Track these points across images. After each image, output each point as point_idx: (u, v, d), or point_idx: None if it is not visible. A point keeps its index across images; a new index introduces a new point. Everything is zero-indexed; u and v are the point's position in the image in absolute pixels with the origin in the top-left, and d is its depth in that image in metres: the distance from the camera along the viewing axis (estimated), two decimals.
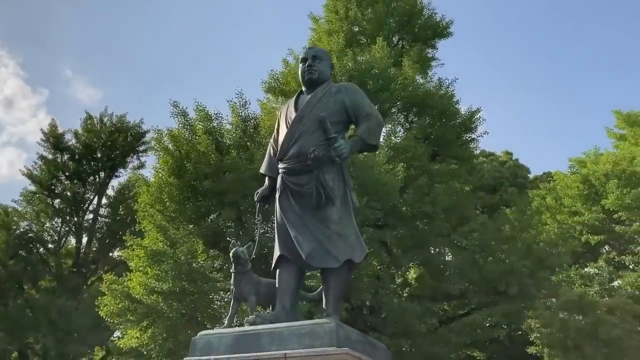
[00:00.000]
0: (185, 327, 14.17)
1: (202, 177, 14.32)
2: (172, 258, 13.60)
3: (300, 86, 18.91)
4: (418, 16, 21.27)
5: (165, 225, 14.03)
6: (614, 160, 21.63)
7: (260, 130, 15.90)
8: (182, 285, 13.58)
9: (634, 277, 19.69)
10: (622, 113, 25.26)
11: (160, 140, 15.62)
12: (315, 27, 22.65)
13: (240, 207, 14.12)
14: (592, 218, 21.92)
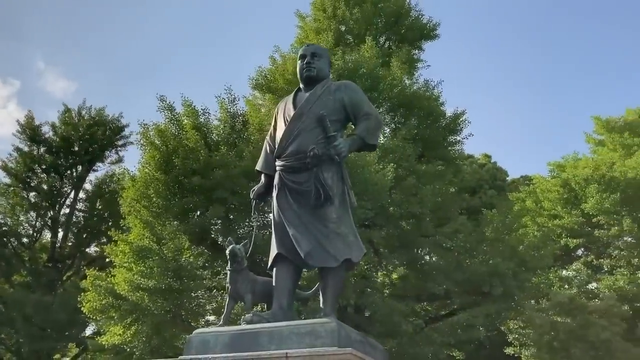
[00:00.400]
0: (169, 325, 14.01)
1: (190, 173, 14.14)
2: (158, 254, 13.40)
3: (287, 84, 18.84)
4: (405, 17, 21.33)
5: (151, 221, 13.81)
6: (594, 165, 22.01)
7: (249, 127, 15.79)
8: (168, 282, 13.40)
9: (611, 280, 20.06)
10: (602, 119, 25.72)
11: (147, 135, 15.39)
12: (302, 25, 22.56)
13: (228, 204, 13.99)
14: (572, 222, 22.29)
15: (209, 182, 13.82)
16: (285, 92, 18.34)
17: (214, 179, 13.80)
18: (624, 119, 25.19)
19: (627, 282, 19.45)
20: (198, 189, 14.10)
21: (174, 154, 14.23)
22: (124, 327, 13.91)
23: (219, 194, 13.81)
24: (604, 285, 19.98)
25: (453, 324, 15.89)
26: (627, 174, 21.48)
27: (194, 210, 14.35)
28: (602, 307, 14.35)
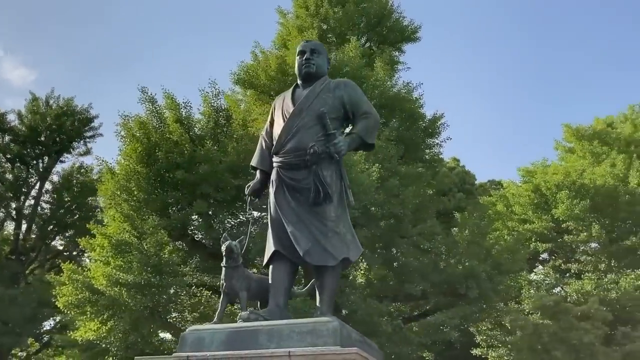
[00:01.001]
0: (147, 321, 13.76)
1: (174, 167, 13.92)
2: (138, 249, 13.14)
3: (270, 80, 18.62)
4: (387, 18, 21.44)
5: (132, 214, 13.53)
6: (565, 172, 22.54)
7: (232, 122, 15.64)
8: (147, 277, 13.15)
9: (579, 285, 20.58)
10: (572, 127, 26.36)
11: (127, 126, 15.08)
12: (284, 22, 22.45)
13: (212, 200, 13.83)
14: (542, 226, 22.78)
15: (193, 177, 13.63)
16: (268, 88, 18.24)
17: (198, 174, 13.61)
18: (593, 127, 25.91)
19: (593, 287, 19.97)
20: (181, 184, 13.89)
21: (157, 147, 13.96)
22: (101, 323, 13.59)
23: (203, 189, 13.63)
24: (571, 289, 20.47)
25: (430, 324, 16.06)
26: (597, 181, 22.07)
27: (175, 205, 14.11)
28: (586, 311, 14.69)
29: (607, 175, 22.14)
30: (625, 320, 17.05)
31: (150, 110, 15.57)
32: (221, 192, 13.89)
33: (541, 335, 14.41)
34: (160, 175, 14.14)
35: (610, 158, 23.14)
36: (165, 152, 13.92)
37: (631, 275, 19.56)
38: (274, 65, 18.12)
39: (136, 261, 12.80)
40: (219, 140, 14.92)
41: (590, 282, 20.26)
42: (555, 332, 13.95)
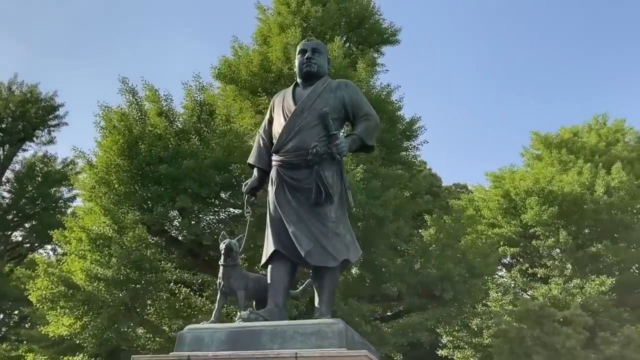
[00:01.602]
0: (125, 318, 13.44)
1: (157, 161, 13.62)
2: (118, 244, 12.81)
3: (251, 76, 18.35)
4: (368, 20, 21.50)
5: (113, 208, 13.18)
6: (534, 178, 23.08)
7: (216, 117, 15.42)
8: (127, 273, 12.85)
9: (545, 289, 21.13)
10: (540, 134, 27.01)
11: (108, 117, 14.69)
12: (263, 18, 22.26)
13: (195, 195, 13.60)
14: (510, 231, 23.28)
15: (177, 172, 13.37)
16: (249, 84, 18.06)
17: (181, 168, 13.36)
18: (560, 136, 26.61)
19: (560, 291, 20.53)
20: (163, 178, 13.61)
21: (139, 140, 13.64)
22: (76, 318, 13.20)
23: (186, 185, 13.39)
24: (538, 293, 21.00)
25: (408, 324, 16.21)
26: (564, 188, 22.66)
27: (158, 199, 13.81)
28: (568, 316, 15.07)
29: (574, 183, 22.76)
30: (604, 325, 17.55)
31: (130, 101, 15.23)
32: (205, 187, 13.66)
33: (523, 339, 14.71)
34: (141, 169, 13.81)
35: (577, 166, 23.79)
36: (149, 145, 13.60)
37: (596, 281, 20.16)
38: (256, 61, 17.97)
39: (117, 256, 12.47)
40: (200, 135, 14.68)
41: (557, 286, 20.82)
42: (539, 337, 14.27)
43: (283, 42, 18.19)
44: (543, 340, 14.15)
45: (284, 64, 17.50)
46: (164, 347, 14.17)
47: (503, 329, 15.20)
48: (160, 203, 13.64)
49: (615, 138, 26.51)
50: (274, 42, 18.47)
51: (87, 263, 13.06)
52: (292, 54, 17.77)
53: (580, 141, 26.39)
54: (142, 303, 14.00)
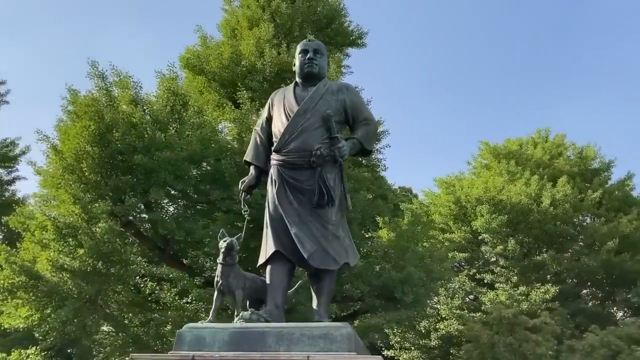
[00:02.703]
0: (89, 311, 12.87)
1: (131, 151, 13.12)
2: (87, 234, 12.25)
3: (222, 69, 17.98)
4: (336, 21, 21.51)
5: (83, 197, 12.57)
6: (486, 187, 23.85)
7: (189, 108, 15.01)
8: (94, 265, 12.31)
9: (493, 295, 21.88)
10: (489, 144, 27.92)
11: (77, 102, 14.01)
12: (228, 9, 21.86)
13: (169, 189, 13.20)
14: (460, 237, 23.95)
15: (151, 163, 12.91)
16: (218, 77, 17.70)
17: (157, 160, 12.92)
18: (508, 148, 27.60)
19: (507, 297, 21.31)
20: (136, 168, 13.12)
21: (113, 128, 13.09)
22: (36, 310, 12.52)
23: (161, 177, 12.97)
24: (487, 298, 21.71)
25: (371, 326, 16.36)
26: (513, 198, 23.54)
27: (128, 190, 13.29)
28: (538, 323, 15.62)
29: (522, 194, 23.67)
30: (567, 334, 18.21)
31: (99, 86, 14.60)
32: (179, 181, 13.28)
33: (494, 345, 15.15)
34: (113, 158, 13.27)
35: (523, 178, 24.75)
36: (122, 133, 13.07)
37: (541, 289, 21.05)
38: (227, 54, 17.65)
39: (87, 247, 11.92)
40: (175, 126, 14.27)
41: (504, 292, 21.60)
42: (511, 344, 14.74)
43: (256, 36, 17.97)
44: (514, 347, 14.64)
45: (257, 59, 17.28)
46: (126, 343, 13.70)
47: (474, 334, 15.62)
48: (132, 194, 13.14)
49: (557, 152, 27.75)
50: (246, 35, 18.22)
51: (52, 253, 12.41)
52: (265, 49, 17.59)
53: (526, 153, 27.45)
54: (107, 296, 13.46)
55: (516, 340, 14.56)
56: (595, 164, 27.63)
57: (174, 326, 13.29)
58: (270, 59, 17.07)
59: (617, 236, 22.19)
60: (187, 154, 13.18)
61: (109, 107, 13.87)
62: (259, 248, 6.08)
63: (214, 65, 17.56)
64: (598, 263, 21.74)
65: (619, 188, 26.23)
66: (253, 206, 6.36)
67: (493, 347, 14.89)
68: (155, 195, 12.80)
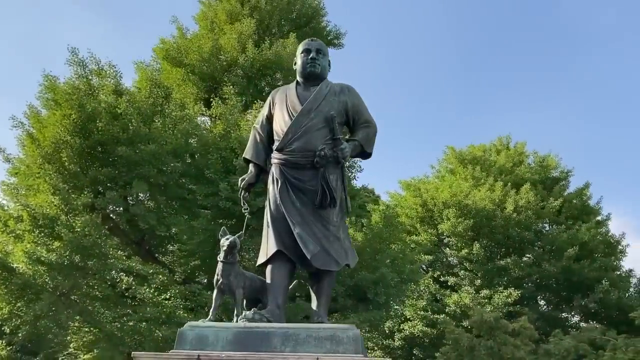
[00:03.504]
0: (64, 306, 12.47)
1: (114, 142, 12.75)
2: (66, 226, 11.85)
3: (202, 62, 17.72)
4: (315, 20, 21.49)
5: (63, 187, 12.14)
6: (452, 191, 24.27)
7: (171, 101, 14.72)
8: (72, 258, 11.93)
9: (457, 297, 22.31)
10: (455, 150, 28.41)
11: (55, 89, 13.54)
12: (205, 1, 21.53)
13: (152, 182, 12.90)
14: (426, 239, 24.30)
15: (135, 155, 12.60)
16: (198, 70, 17.41)
17: (142, 153, 12.61)
18: (473, 154, 28.13)
19: (470, 300, 21.78)
20: (119, 161, 12.77)
21: (97, 118, 12.70)
22: (7, 303, 12.03)
23: (144, 170, 12.66)
24: (450, 300, 22.12)
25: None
26: (478, 204, 24.03)
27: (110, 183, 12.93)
28: (516, 328, 15.96)
29: (487, 199, 24.20)
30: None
31: (79, 74, 14.16)
32: (162, 174, 13.00)
33: (474, 347, 15.41)
34: (94, 149, 12.89)
35: (487, 184, 25.29)
36: (106, 124, 12.69)
37: (504, 293, 21.60)
38: (208, 47, 17.39)
39: (67, 239, 11.53)
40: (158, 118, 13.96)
41: (468, 295, 22.06)
42: (491, 347, 15.03)
43: (237, 31, 17.77)
44: (494, 350, 14.95)
45: (239, 54, 17.10)
46: (99, 339, 13.33)
47: (454, 337, 15.88)
48: (113, 187, 12.78)
49: (519, 160, 28.46)
50: (228, 30, 17.99)
51: (26, 244, 11.95)
52: (247, 44, 17.43)
53: (489, 160, 28.04)
54: (81, 291, 13.05)
55: (496, 343, 14.89)
56: (555, 172, 28.43)
57: (151, 323, 13.04)
58: (252, 55, 16.91)
59: (577, 244, 22.94)
60: (171, 147, 12.91)
61: (90, 96, 13.47)
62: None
63: (194, 57, 17.28)
64: (558, 269, 22.43)
65: (576, 197, 27.09)
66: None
67: (472, 349, 15.18)
68: (138, 189, 12.50)
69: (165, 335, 12.77)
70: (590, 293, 22.37)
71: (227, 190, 12.63)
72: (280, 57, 17.18)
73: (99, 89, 14.00)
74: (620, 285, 23.66)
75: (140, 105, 13.56)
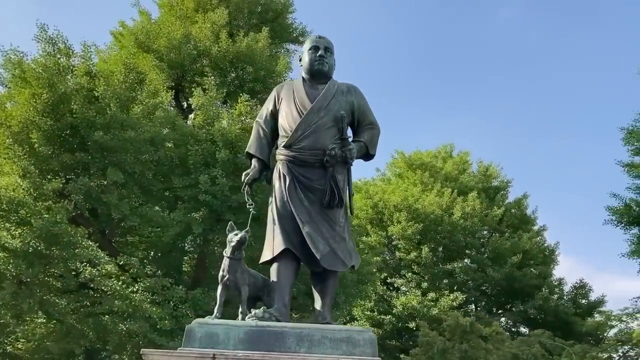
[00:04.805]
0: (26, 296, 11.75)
1: (88, 126, 12.14)
2: (34, 212, 11.17)
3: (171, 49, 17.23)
4: (282, 15, 21.29)
5: (33, 171, 11.43)
6: (403, 195, 24.73)
7: (145, 86, 14.15)
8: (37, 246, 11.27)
9: (405, 299, 22.78)
10: (405, 154, 28.95)
11: (22, 66, 12.74)
12: None
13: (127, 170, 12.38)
14: (376, 241, 24.62)
15: (112, 142, 12.04)
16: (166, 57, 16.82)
17: (117, 139, 12.06)
18: (421, 159, 28.77)
19: (417, 302, 22.30)
20: (93, 146, 12.16)
21: (72, 100, 12.04)
22: None
23: (120, 157, 12.13)
24: (399, 303, 22.55)
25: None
26: (427, 208, 24.62)
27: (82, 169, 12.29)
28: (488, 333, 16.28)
29: (435, 205, 24.83)
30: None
31: (47, 52, 13.40)
32: (138, 163, 12.51)
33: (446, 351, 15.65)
34: (65, 132, 12.22)
35: (435, 189, 25.96)
36: (81, 107, 12.05)
37: (450, 297, 22.24)
38: (179, 35, 16.86)
39: (37, 226, 10.87)
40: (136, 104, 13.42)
41: (415, 297, 22.56)
42: (465, 350, 15.30)
43: (210, 20, 17.35)
44: (469, 354, 15.27)
45: (213, 44, 16.69)
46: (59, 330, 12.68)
47: (426, 341, 16.11)
48: (85, 173, 12.17)
49: (463, 168, 29.37)
50: (200, 19, 17.52)
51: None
52: (221, 34, 17.05)
53: (436, 166, 28.77)
54: (42, 280, 12.36)
55: (470, 347, 15.24)
56: (495, 182, 29.51)
57: (115, 316, 12.55)
58: (226, 46, 16.56)
59: (519, 252, 23.92)
60: (149, 135, 12.44)
61: (62, 76, 12.75)
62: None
63: (162, 43, 16.70)
64: (502, 275, 23.30)
65: (515, 206, 28.23)
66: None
67: (444, 352, 15.50)
68: (113, 176, 11.95)
69: (130, 330, 12.32)
70: (529, 299, 23.37)
71: (207, 184, 12.31)
72: (253, 51, 16.91)
73: (68, 69, 13.29)
74: (555, 292, 24.90)
75: (116, 90, 12.95)
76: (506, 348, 15.60)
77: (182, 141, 13.10)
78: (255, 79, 16.96)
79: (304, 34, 22.08)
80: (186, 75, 17.04)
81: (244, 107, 13.60)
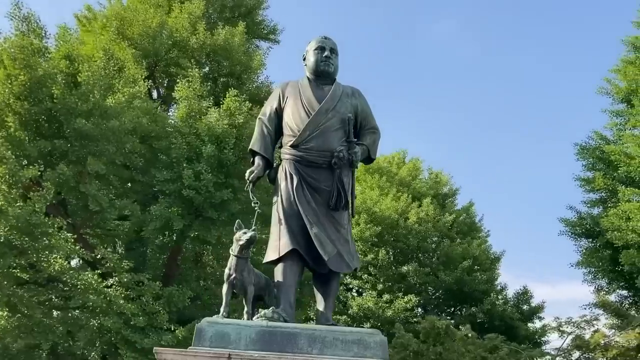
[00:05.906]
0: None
1: (68, 112, 11.61)
2: (10, 201, 10.60)
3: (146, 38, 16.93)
4: (255, 11, 21.07)
5: (10, 156, 10.82)
6: (363, 198, 24.96)
7: (124, 73, 13.69)
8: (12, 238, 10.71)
9: (360, 300, 23.06)
10: None
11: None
12: None
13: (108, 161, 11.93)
14: None
15: (94, 130, 11.56)
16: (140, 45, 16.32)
17: (99, 127, 11.61)
18: (379, 164, 29.09)
19: (373, 304, 22.60)
20: (72, 134, 11.65)
21: (53, 84, 11.49)
22: None
23: (102, 147, 11.68)
24: (355, 303, 22.77)
25: None
26: (384, 212, 24.99)
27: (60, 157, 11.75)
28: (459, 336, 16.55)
29: (391, 209, 25.23)
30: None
31: (21, 30, 12.77)
32: (119, 154, 12.08)
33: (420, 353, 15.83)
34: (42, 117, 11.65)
35: (391, 194, 26.38)
36: (62, 92, 11.52)
37: (404, 299, 22.66)
38: (155, 24, 16.40)
39: (13, 215, 10.31)
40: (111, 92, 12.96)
41: (371, 299, 22.85)
42: (440, 352, 15.51)
43: (187, 10, 16.97)
44: (443, 356, 15.52)
45: (190, 35, 16.33)
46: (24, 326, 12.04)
47: (400, 342, 16.25)
48: (63, 162, 11.64)
49: (415, 174, 29.97)
50: (176, 8, 17.08)
51: None
52: (198, 25, 16.72)
53: (392, 171, 29.20)
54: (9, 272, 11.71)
55: (445, 350, 15.53)
56: (445, 189, 30.24)
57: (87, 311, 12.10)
58: (204, 38, 16.24)
59: (470, 257, 24.64)
60: (132, 125, 12.03)
61: (39, 58, 12.17)
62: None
63: (137, 30, 16.19)
64: (453, 279, 23.93)
65: (463, 213, 29.05)
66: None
67: (418, 355, 15.71)
68: (94, 166, 11.48)
69: (103, 325, 11.90)
70: (480, 304, 24.10)
71: (191, 178, 12.04)
72: (230, 45, 16.66)
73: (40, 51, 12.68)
74: (501, 297, 25.81)
75: (98, 77, 12.45)
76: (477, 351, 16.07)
77: (163, 133, 12.74)
78: (230, 73, 16.71)
79: (275, 31, 21.98)
80: (158, 64, 16.59)
81: (232, 102, 13.35)
